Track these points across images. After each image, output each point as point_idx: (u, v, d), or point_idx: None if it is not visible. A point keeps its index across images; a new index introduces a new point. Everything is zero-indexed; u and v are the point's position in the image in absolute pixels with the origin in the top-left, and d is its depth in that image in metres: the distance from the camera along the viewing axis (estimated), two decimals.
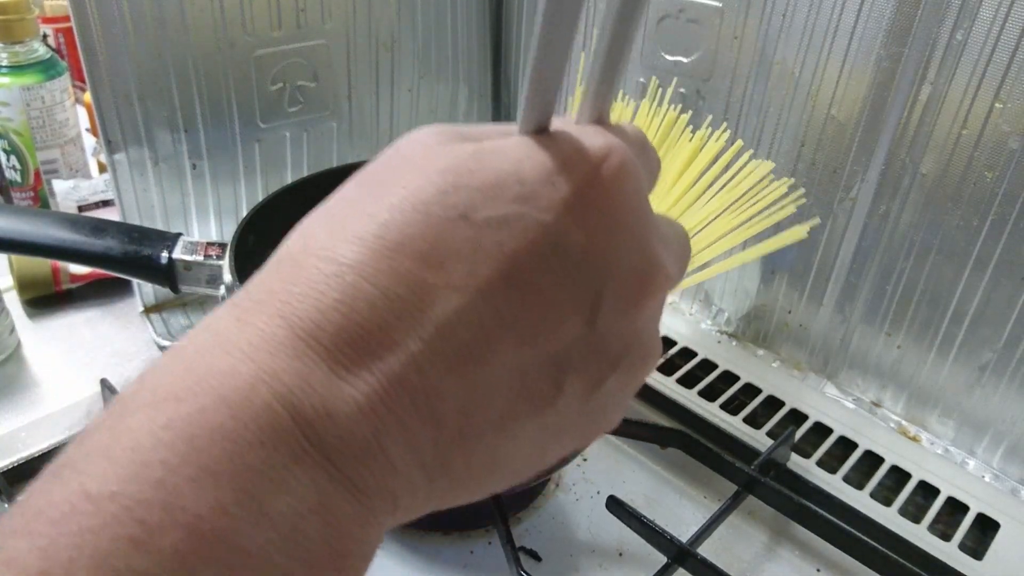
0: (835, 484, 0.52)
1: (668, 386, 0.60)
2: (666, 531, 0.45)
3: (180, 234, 0.54)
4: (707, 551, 0.45)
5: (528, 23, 0.76)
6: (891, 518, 0.50)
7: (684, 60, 0.61)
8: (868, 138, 0.54)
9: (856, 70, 0.53)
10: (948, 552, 0.48)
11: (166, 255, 0.53)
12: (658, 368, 0.62)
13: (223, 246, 0.53)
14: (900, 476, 0.54)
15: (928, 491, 0.53)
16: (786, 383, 0.62)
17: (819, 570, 0.48)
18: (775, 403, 0.60)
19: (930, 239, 0.53)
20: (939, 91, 0.50)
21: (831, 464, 0.54)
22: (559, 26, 0.19)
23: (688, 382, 0.61)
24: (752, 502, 0.50)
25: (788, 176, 0.46)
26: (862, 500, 0.51)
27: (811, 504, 0.48)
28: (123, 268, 0.53)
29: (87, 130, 0.85)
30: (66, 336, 0.65)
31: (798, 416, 0.58)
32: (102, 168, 0.82)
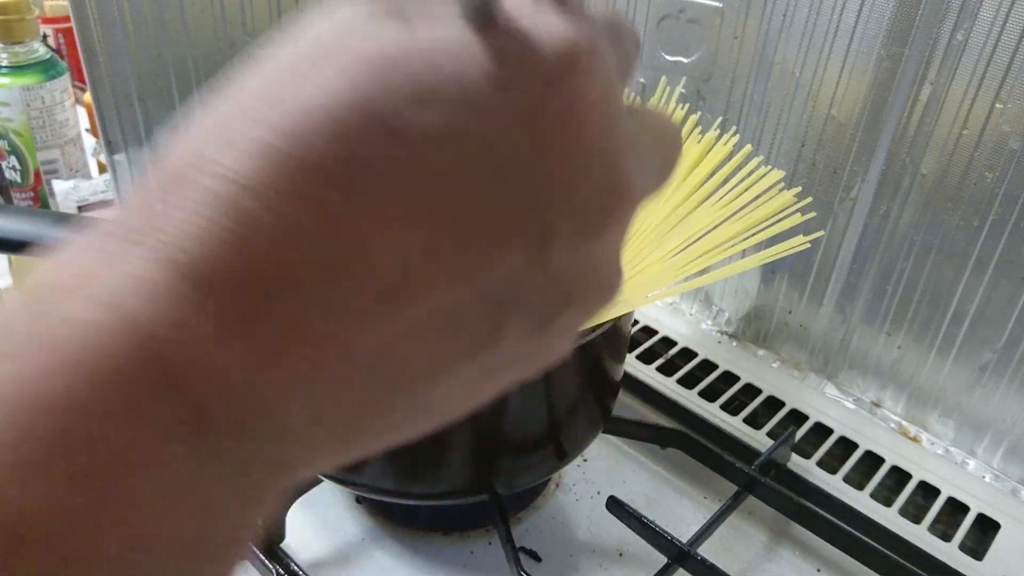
0: (835, 484, 0.52)
1: (668, 386, 0.60)
2: (666, 531, 0.45)
3: None
4: (707, 551, 0.45)
5: None
6: (891, 518, 0.50)
7: (684, 60, 0.61)
8: (868, 138, 0.54)
9: (856, 70, 0.53)
10: (948, 552, 0.48)
11: None
12: (658, 368, 0.62)
13: None
14: (900, 476, 0.54)
15: (928, 491, 0.53)
16: (786, 383, 0.62)
17: (819, 570, 0.48)
18: (775, 403, 0.60)
19: (930, 239, 0.53)
20: (939, 91, 0.50)
21: (831, 464, 0.54)
22: None
23: (688, 382, 0.61)
24: (752, 502, 0.50)
25: (788, 176, 0.46)
26: (862, 500, 0.51)
27: (811, 504, 0.48)
28: None
29: (87, 130, 0.85)
30: None
31: (798, 416, 0.58)
32: (102, 168, 0.82)
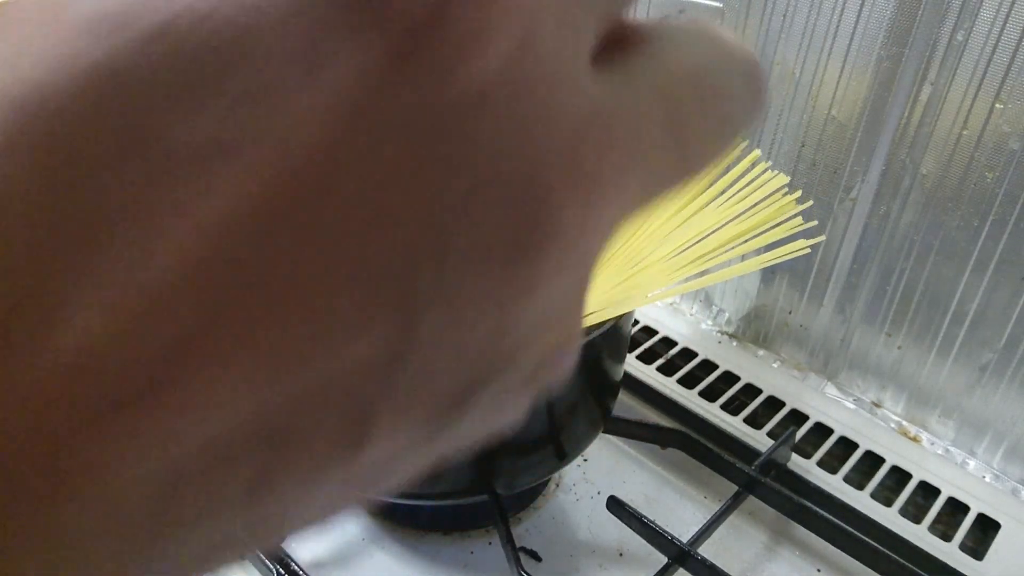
0: (835, 484, 0.52)
1: (668, 386, 0.60)
2: (666, 531, 0.45)
3: None
4: (707, 551, 0.45)
5: None
6: (891, 518, 0.50)
7: None
8: (868, 138, 0.54)
9: (856, 70, 0.53)
10: (948, 552, 0.48)
11: None
12: (659, 368, 0.62)
13: None
14: (900, 476, 0.54)
15: (928, 491, 0.53)
16: (786, 383, 0.62)
17: (819, 570, 0.48)
18: (775, 403, 0.60)
19: (930, 239, 0.53)
20: (939, 91, 0.50)
21: (831, 464, 0.54)
22: None
23: (688, 382, 0.61)
24: (752, 502, 0.50)
25: (787, 176, 0.46)
26: (862, 500, 0.51)
27: (811, 504, 0.48)
28: None
29: None
30: None
31: (798, 416, 0.58)
32: None
